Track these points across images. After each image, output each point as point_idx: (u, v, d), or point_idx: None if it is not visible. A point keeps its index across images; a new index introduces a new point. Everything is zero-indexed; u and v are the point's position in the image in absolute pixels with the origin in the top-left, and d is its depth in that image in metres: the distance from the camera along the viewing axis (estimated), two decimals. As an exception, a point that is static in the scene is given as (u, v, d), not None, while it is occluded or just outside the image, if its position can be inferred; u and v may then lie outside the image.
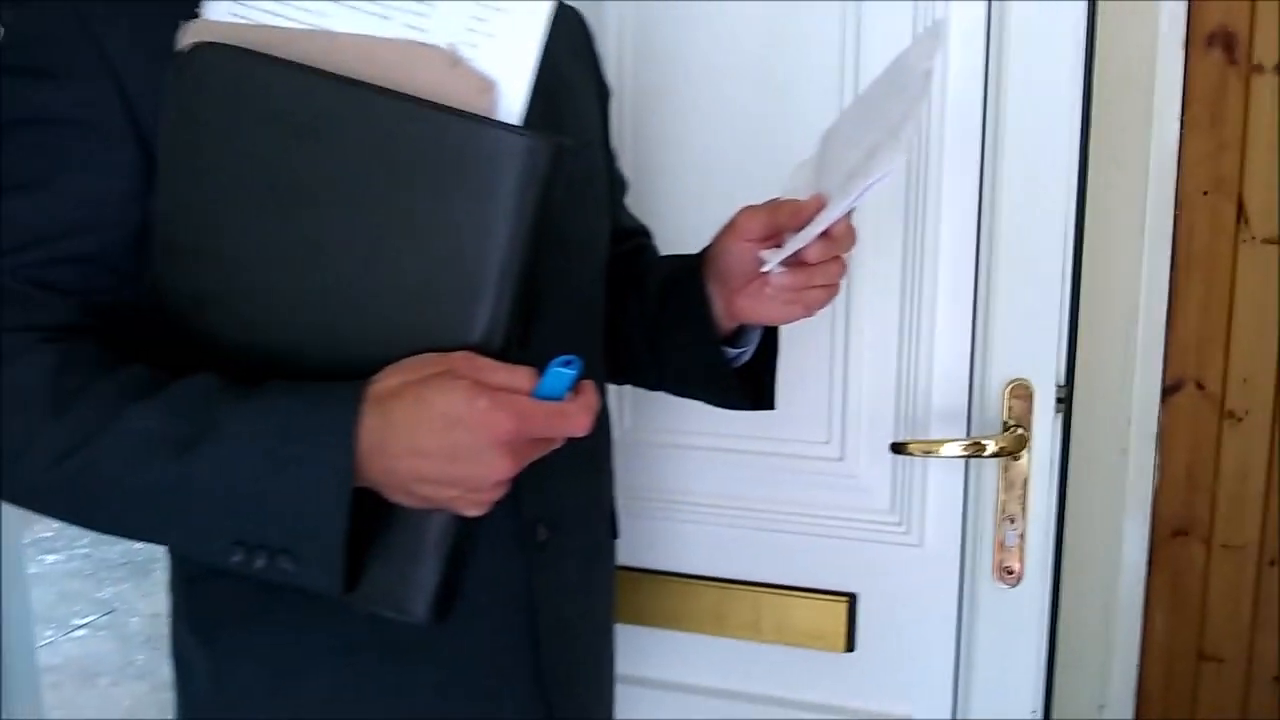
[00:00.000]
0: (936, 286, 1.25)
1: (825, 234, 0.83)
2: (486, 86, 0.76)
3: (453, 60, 0.76)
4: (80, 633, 3.65)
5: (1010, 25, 1.19)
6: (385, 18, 0.77)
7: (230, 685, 0.87)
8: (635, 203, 1.31)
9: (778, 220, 0.87)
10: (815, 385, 1.30)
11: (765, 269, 0.86)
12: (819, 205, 0.83)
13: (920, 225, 1.24)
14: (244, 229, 0.78)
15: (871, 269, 1.26)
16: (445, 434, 0.69)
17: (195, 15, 0.76)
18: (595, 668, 1.02)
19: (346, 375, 0.73)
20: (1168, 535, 1.81)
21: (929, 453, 1.23)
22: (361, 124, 0.75)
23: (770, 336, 1.01)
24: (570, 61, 1.03)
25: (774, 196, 0.91)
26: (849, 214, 0.85)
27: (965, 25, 1.20)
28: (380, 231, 0.76)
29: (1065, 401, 1.26)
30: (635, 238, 1.16)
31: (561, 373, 0.73)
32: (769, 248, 0.89)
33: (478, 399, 0.69)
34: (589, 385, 0.76)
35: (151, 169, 0.77)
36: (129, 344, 0.80)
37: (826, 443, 1.31)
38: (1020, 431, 1.22)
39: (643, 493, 1.37)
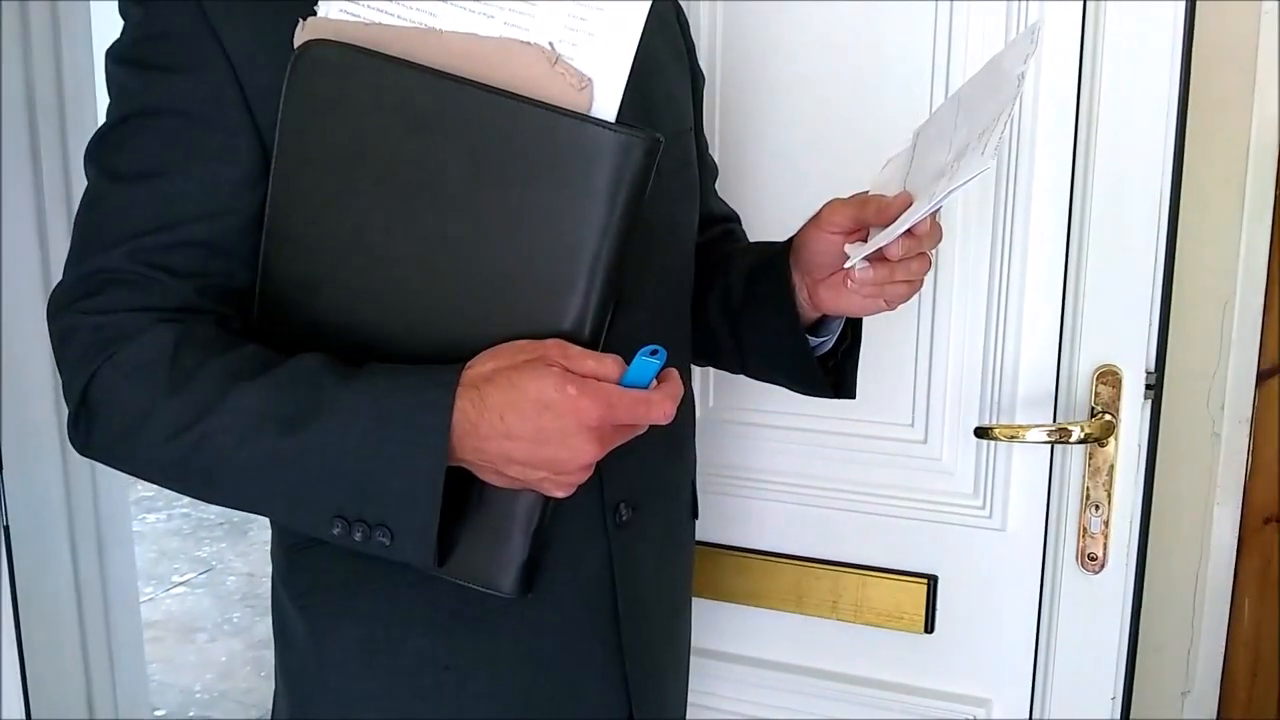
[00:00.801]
0: (1025, 271, 1.24)
1: (909, 232, 0.84)
2: (584, 84, 0.78)
3: (552, 58, 0.78)
4: (179, 590, 3.80)
5: (1107, 6, 1.17)
6: (489, 16, 0.80)
7: (327, 651, 0.91)
8: (725, 190, 1.33)
9: (864, 215, 0.88)
10: (901, 368, 1.31)
11: (848, 265, 0.87)
12: (905, 203, 0.84)
13: (1011, 210, 1.24)
14: (350, 218, 0.82)
15: (961, 253, 1.26)
16: (535, 418, 0.72)
17: (311, 13, 0.79)
18: (672, 644, 1.05)
19: (445, 359, 0.77)
20: (1259, 523, 1.78)
21: (1014, 438, 1.23)
22: (465, 120, 0.78)
23: (853, 327, 1.02)
24: (665, 49, 1.04)
25: (862, 190, 0.92)
26: (937, 212, 0.86)
27: (1061, 7, 1.19)
28: (480, 223, 0.80)
29: (1155, 388, 1.24)
30: (724, 223, 1.18)
31: (648, 362, 0.76)
32: (853, 241, 0.90)
33: (567, 386, 0.72)
34: (673, 374, 0.78)
35: (266, 160, 0.81)
36: (243, 325, 0.84)
37: (911, 425, 1.32)
38: (1108, 418, 1.22)
39: (727, 471, 1.40)
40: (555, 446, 0.73)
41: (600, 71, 0.79)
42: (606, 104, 0.79)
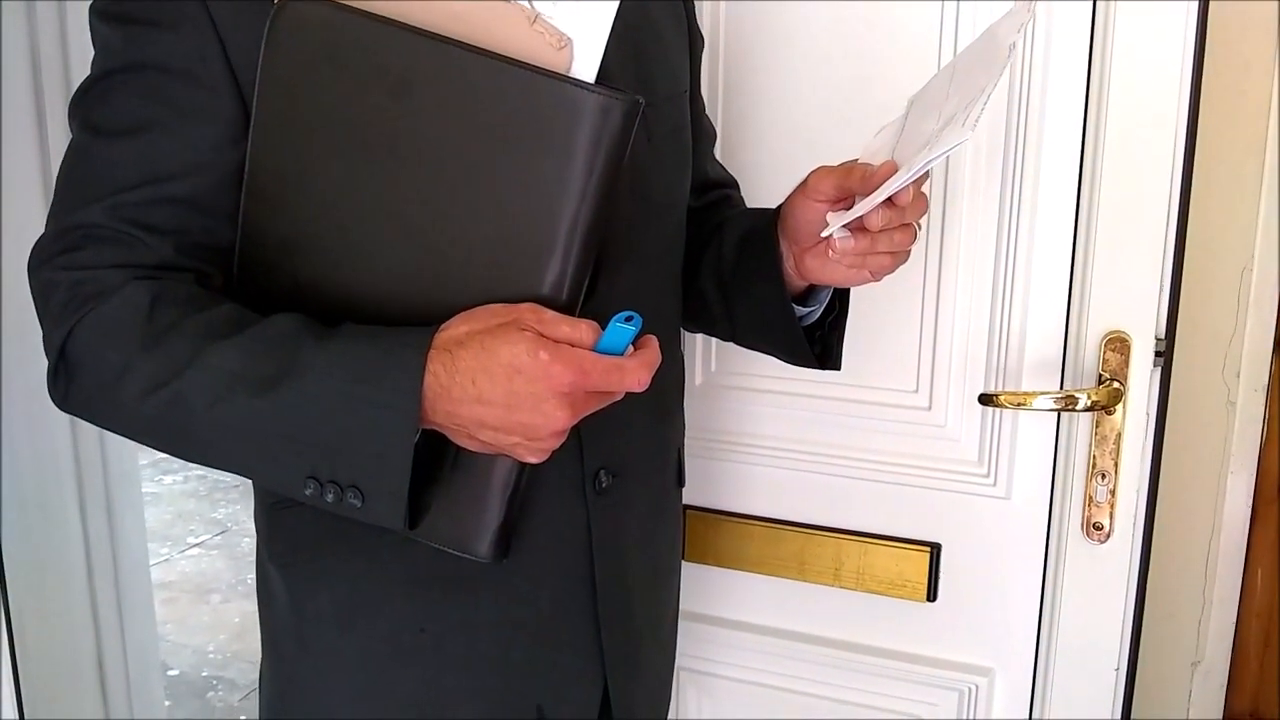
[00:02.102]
0: (1034, 235, 1.22)
1: (890, 202, 0.82)
2: (563, 43, 0.76)
3: (532, 16, 0.76)
4: (194, 551, 3.83)
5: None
6: (469, -25, 0.78)
7: (306, 611, 0.91)
8: (727, 158, 1.31)
9: (848, 183, 0.86)
10: (906, 334, 1.28)
11: (825, 233, 0.84)
12: (889, 172, 0.82)
13: (1019, 173, 1.21)
14: (330, 177, 0.80)
15: (968, 216, 1.23)
16: (506, 383, 0.71)
17: None
18: (654, 612, 1.04)
19: (423, 321, 0.76)
20: (1273, 492, 1.75)
21: (1020, 405, 1.21)
22: (444, 79, 0.77)
23: (842, 297, 1.00)
24: (662, 9, 1.02)
25: (853, 158, 0.90)
26: (920, 182, 0.83)
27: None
28: (459, 184, 0.78)
29: (1165, 355, 1.22)
30: (721, 188, 1.15)
31: (623, 329, 0.74)
32: (839, 209, 0.88)
33: (539, 351, 0.71)
34: (650, 341, 0.77)
35: (247, 117, 0.80)
36: (224, 283, 0.83)
37: (915, 391, 1.30)
38: (1115, 385, 1.19)
39: (729, 437, 1.38)
40: (527, 412, 0.72)
41: (580, 31, 0.77)
42: (586, 64, 0.77)
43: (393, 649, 0.90)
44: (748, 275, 1.01)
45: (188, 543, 3.89)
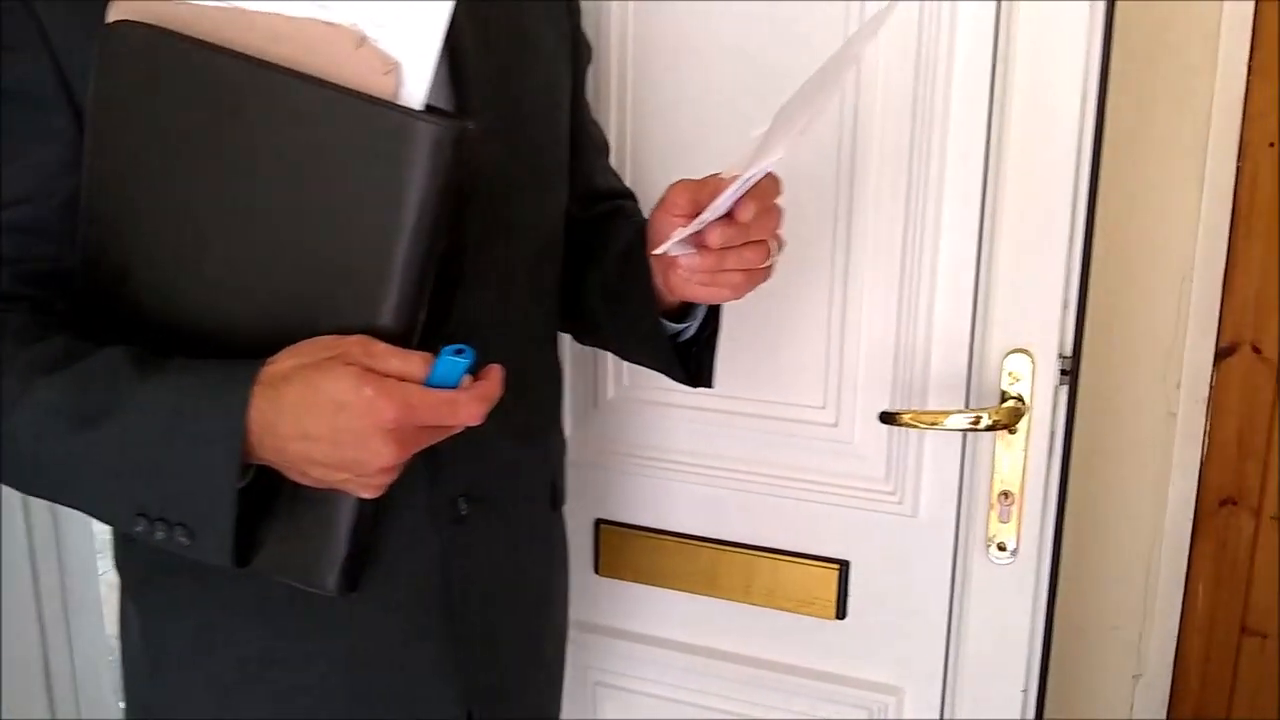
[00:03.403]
0: (938, 251, 1.20)
1: (730, 218, 0.80)
2: (390, 67, 0.75)
3: (358, 40, 0.75)
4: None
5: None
6: (299, -5, 0.76)
7: (159, 641, 0.90)
8: (632, 164, 1.29)
9: (700, 197, 0.84)
10: (812, 349, 1.27)
11: (658, 251, 0.82)
12: (721, 187, 0.80)
13: (924, 186, 1.19)
14: (164, 203, 0.79)
15: (873, 230, 1.21)
16: (331, 419, 0.70)
17: None
18: (530, 634, 1.03)
19: (261, 351, 0.75)
20: (1214, 504, 1.73)
21: (919, 424, 1.19)
22: (270, 105, 0.76)
23: (716, 313, 0.99)
24: (538, 18, 1.00)
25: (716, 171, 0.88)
26: (762, 198, 0.82)
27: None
28: (288, 211, 0.77)
29: (1071, 373, 1.19)
30: (613, 200, 1.14)
31: (453, 361, 0.73)
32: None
33: (364, 386, 0.70)
34: (491, 372, 0.75)
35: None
36: (66, 312, 0.82)
37: (823, 408, 1.28)
38: (1014, 404, 1.18)
39: (641, 451, 1.37)
40: (353, 448, 0.71)
41: (408, 55, 0.75)
42: (415, 88, 0.75)
43: (243, 678, 0.89)
44: (624, 291, 0.99)
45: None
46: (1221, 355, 1.69)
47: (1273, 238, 1.64)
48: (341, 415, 0.70)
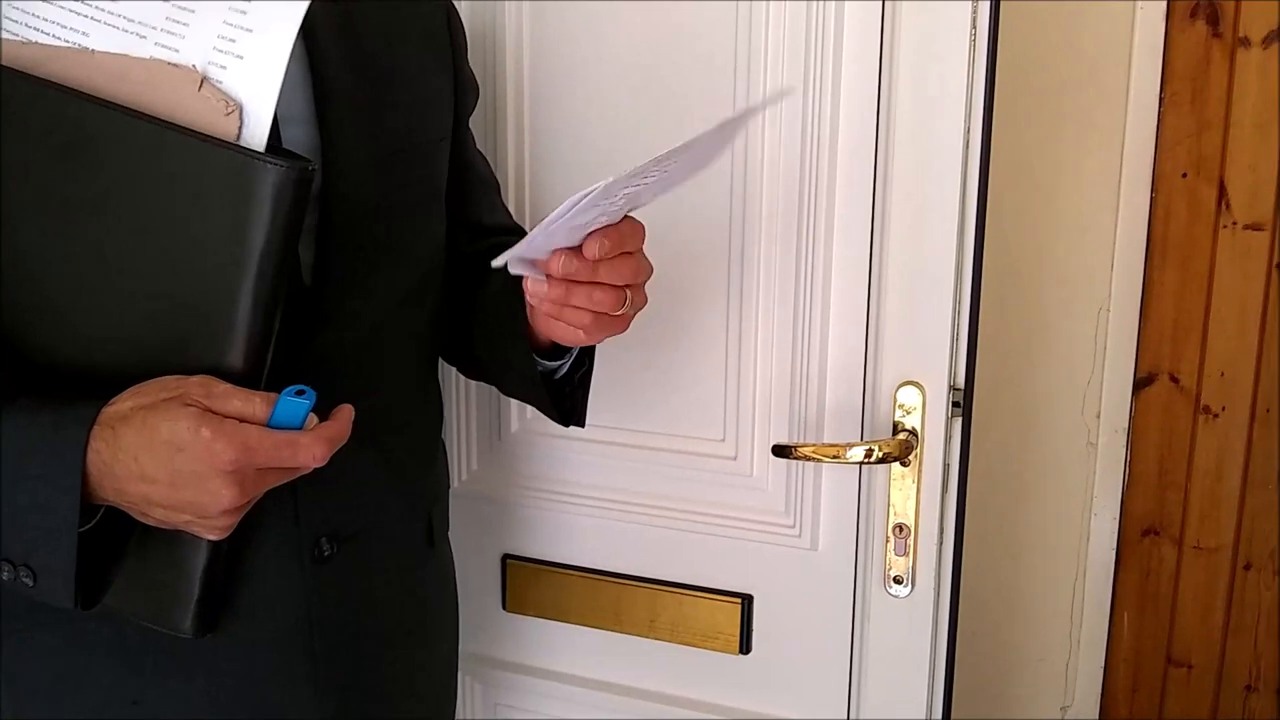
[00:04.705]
0: (830, 284, 1.20)
1: (580, 253, 0.81)
2: (231, 109, 0.75)
3: (199, 81, 0.76)
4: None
5: (902, 17, 1.13)
6: (141, 37, 0.77)
7: (18, 683, 0.89)
8: (532, 181, 1.29)
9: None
10: (711, 383, 1.27)
11: (495, 263, 0.82)
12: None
13: (814, 221, 1.19)
14: (19, 239, 0.79)
15: (766, 263, 1.22)
16: (168, 460, 0.70)
17: None
18: (404, 677, 1.02)
19: (112, 391, 0.75)
20: (1137, 534, 1.74)
21: (814, 457, 1.19)
22: (115, 146, 0.76)
23: (589, 353, 0.99)
24: (418, 52, 1.00)
25: None
26: (620, 240, 0.82)
27: (860, 13, 1.14)
28: (137, 252, 0.77)
29: (964, 405, 1.20)
30: (502, 235, 1.14)
31: (294, 402, 0.73)
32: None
33: (202, 427, 0.70)
34: (340, 413, 0.76)
35: None
36: None
37: (722, 440, 1.28)
38: (905, 436, 1.18)
39: (545, 485, 1.36)
40: (192, 490, 0.71)
41: (250, 96, 0.76)
42: (257, 129, 0.76)
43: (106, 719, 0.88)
44: (501, 326, 0.99)
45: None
46: (1140, 385, 1.70)
47: (1188, 267, 1.65)
48: (179, 457, 0.70)
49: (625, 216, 0.83)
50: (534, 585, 1.39)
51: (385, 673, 0.98)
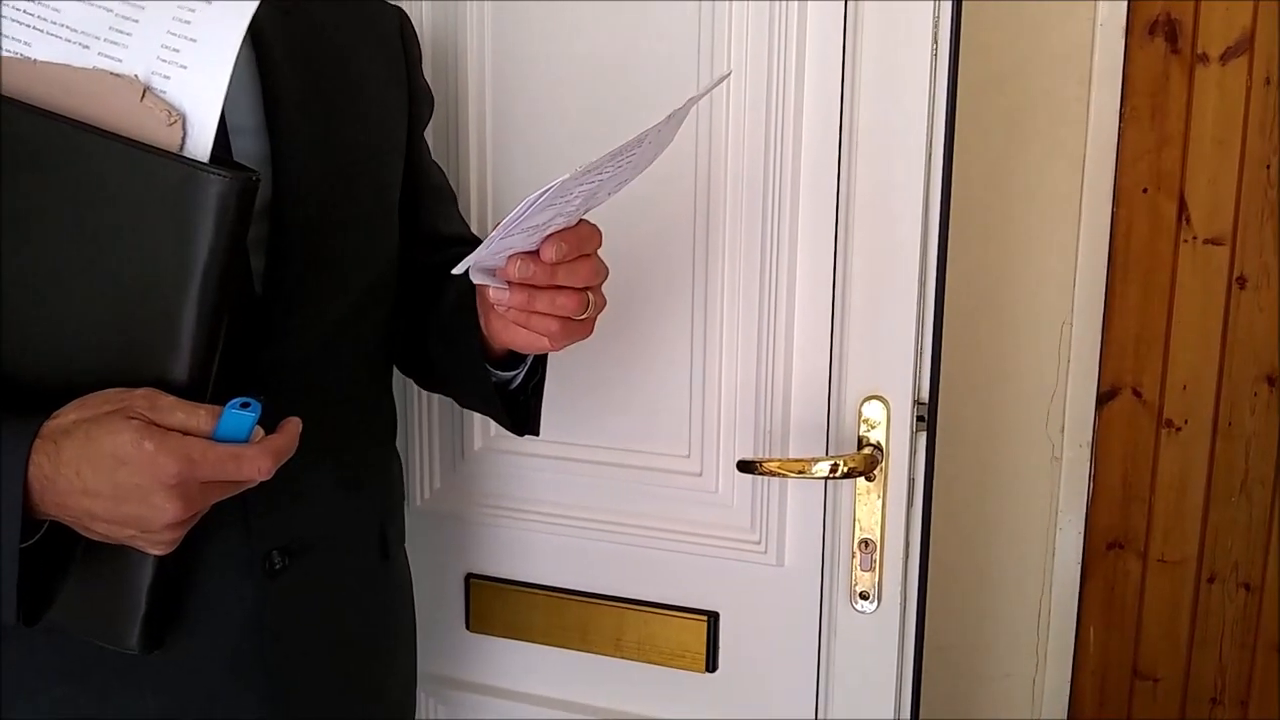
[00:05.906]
0: (795, 299, 1.20)
1: (538, 257, 0.80)
2: (174, 119, 0.74)
3: (142, 91, 0.74)
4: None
5: (866, 24, 1.13)
6: (85, 47, 0.76)
7: None
8: (492, 206, 1.28)
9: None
10: (676, 399, 1.26)
11: (456, 270, 0.81)
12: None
13: (778, 235, 1.19)
14: None
15: (729, 277, 1.21)
16: (111, 474, 0.69)
17: None
18: (360, 694, 1.00)
19: (59, 402, 0.73)
20: (1102, 548, 1.74)
21: (779, 472, 1.18)
22: (57, 157, 0.75)
23: (542, 362, 0.98)
24: (371, 62, 0.99)
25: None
26: (578, 244, 0.81)
27: (823, 22, 1.14)
28: (79, 263, 0.76)
29: (929, 419, 1.19)
30: (458, 246, 1.12)
31: (239, 415, 0.72)
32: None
33: (144, 441, 0.69)
34: (287, 426, 0.75)
35: None
36: None
37: (687, 457, 1.27)
38: (873, 451, 1.17)
39: (509, 503, 1.35)
40: (135, 504, 0.70)
41: (193, 106, 0.75)
42: (200, 139, 0.75)
43: None
44: (455, 336, 0.99)
45: None
46: (1103, 399, 1.70)
47: (1150, 282, 1.67)
48: (122, 470, 0.69)
49: (581, 220, 0.83)
50: (498, 605, 1.37)
51: (341, 686, 0.96)
